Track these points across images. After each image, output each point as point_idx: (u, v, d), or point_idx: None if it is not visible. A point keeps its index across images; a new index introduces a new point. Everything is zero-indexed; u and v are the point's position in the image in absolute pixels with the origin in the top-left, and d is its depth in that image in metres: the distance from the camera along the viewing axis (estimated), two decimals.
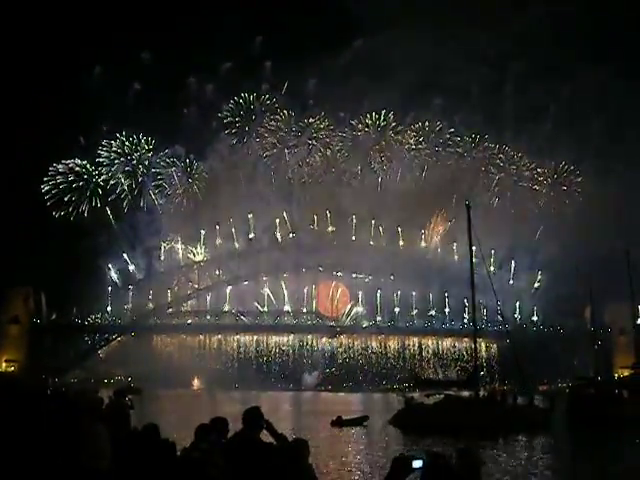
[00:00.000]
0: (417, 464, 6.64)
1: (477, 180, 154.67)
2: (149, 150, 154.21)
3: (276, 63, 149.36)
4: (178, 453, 9.63)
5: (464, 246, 60.16)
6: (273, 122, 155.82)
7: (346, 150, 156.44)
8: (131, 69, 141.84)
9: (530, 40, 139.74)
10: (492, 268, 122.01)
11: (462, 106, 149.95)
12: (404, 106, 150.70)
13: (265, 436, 8.28)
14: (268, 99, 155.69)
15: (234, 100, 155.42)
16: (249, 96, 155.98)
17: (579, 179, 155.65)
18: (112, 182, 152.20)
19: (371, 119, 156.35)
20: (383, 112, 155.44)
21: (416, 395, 58.07)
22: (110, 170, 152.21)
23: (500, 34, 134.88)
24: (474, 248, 61.19)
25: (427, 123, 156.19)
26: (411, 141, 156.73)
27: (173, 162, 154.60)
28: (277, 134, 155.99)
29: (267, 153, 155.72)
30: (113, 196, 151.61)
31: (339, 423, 48.33)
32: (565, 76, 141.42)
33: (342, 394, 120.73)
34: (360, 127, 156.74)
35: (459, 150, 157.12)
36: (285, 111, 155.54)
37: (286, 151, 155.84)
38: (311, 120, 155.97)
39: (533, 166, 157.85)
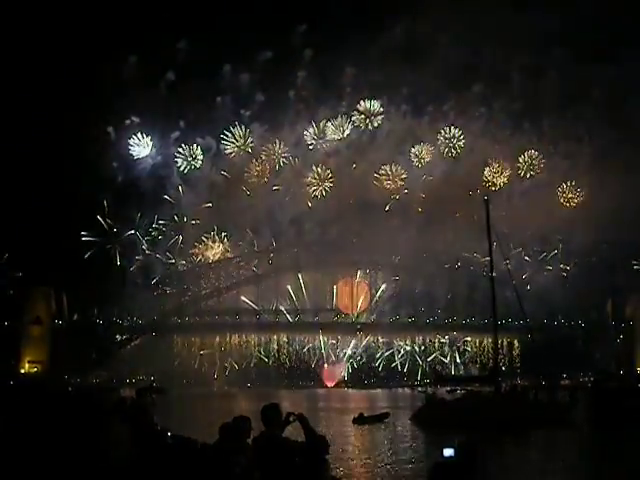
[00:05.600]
0: (448, 452, 6.71)
1: (511, 169, 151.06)
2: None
3: (315, 51, 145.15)
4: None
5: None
6: (306, 112, 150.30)
7: (378, 140, 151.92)
8: (165, 58, 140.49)
9: (573, 24, 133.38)
10: (510, 265, 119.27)
11: (502, 92, 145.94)
12: (443, 92, 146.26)
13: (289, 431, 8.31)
14: (304, 88, 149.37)
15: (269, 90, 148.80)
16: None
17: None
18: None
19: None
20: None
21: (438, 391, 58.05)
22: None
23: (543, 18, 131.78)
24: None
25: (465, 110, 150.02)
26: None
27: (202, 154, 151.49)
28: (310, 124, 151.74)
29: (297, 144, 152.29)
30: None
31: (361, 420, 48.38)
32: (609, 60, 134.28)
33: (363, 391, 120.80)
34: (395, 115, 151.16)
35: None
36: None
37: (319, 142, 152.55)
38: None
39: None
